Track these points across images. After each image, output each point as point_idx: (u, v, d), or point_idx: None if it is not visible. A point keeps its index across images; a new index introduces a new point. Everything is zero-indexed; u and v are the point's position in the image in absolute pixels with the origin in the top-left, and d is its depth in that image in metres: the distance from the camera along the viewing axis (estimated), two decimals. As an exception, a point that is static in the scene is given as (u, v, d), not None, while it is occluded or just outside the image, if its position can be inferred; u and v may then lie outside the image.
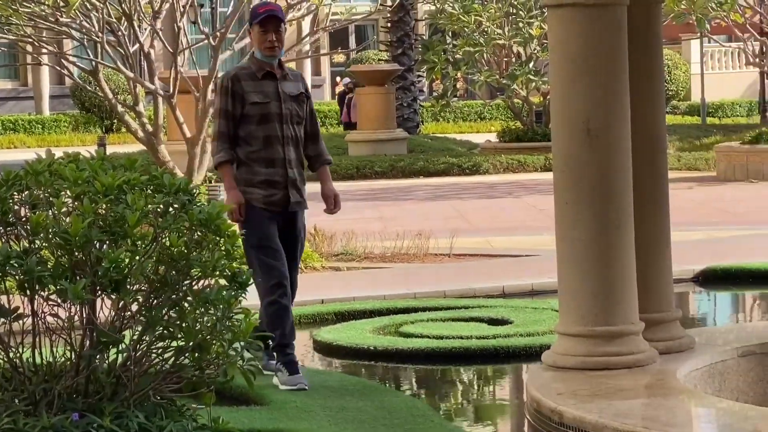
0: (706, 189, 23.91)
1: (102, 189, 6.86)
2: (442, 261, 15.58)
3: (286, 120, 8.51)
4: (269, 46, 8.38)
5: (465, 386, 10.13)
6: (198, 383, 7.12)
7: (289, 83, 8.55)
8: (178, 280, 7.03)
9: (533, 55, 34.67)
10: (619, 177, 8.73)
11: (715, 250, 15.01)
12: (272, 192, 8.52)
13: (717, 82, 47.66)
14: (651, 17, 9.31)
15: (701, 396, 8.19)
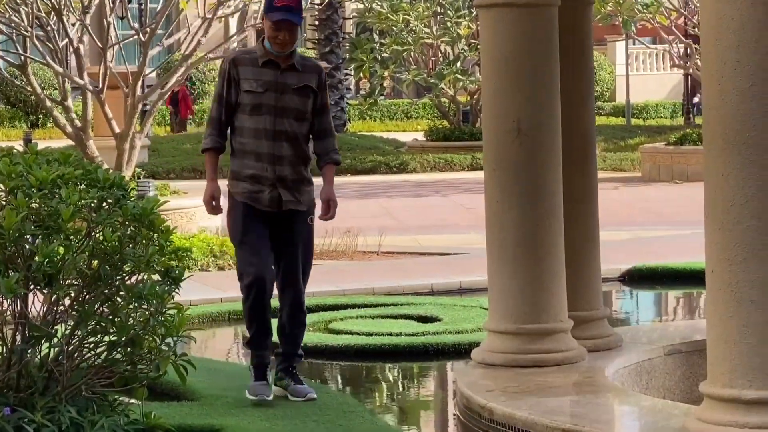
0: (631, 189, 24.10)
1: (36, 183, 6.86)
2: (371, 258, 15.62)
3: (281, 113, 7.90)
4: (280, 43, 7.85)
5: (394, 383, 10.16)
6: (130, 378, 7.12)
7: (294, 74, 7.90)
8: (111, 274, 7.03)
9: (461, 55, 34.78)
10: (549, 176, 8.78)
11: (641, 250, 15.15)
12: (258, 188, 7.98)
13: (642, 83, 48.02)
14: (582, 18, 9.37)
15: (629, 394, 8.25)
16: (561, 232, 8.83)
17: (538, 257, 8.70)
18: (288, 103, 7.87)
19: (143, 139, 18.35)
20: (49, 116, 17.68)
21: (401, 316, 11.42)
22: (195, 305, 10.89)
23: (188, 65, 18.31)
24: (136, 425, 7.15)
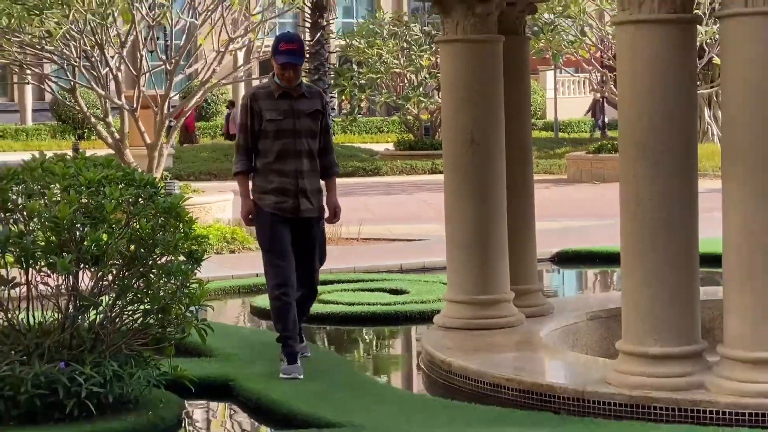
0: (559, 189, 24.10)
1: (85, 182, 6.88)
2: (352, 244, 15.57)
3: (300, 135, 7.66)
4: (286, 80, 7.66)
5: (371, 343, 10.16)
6: (161, 339, 7.15)
7: (305, 101, 7.72)
8: (145, 256, 7.05)
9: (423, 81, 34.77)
10: (496, 177, 8.78)
11: (568, 237, 15.15)
12: (283, 199, 7.64)
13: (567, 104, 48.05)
14: (521, 52, 9.38)
15: (559, 350, 8.26)
16: (504, 222, 8.83)
17: (487, 242, 8.70)
18: (303, 126, 7.68)
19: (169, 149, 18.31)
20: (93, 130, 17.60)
21: (377, 290, 11.40)
22: (212, 281, 10.86)
23: (205, 89, 18.25)
24: (166, 376, 7.17)
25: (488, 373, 7.50)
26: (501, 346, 8.20)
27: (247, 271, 12.84)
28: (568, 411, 6.92)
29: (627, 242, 7.09)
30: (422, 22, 37.13)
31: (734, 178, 6.76)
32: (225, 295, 11.97)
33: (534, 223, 9.48)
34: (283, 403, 7.15)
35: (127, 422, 6.73)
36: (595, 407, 6.89)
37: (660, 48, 6.90)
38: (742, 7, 6.62)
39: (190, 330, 7.14)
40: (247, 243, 15.16)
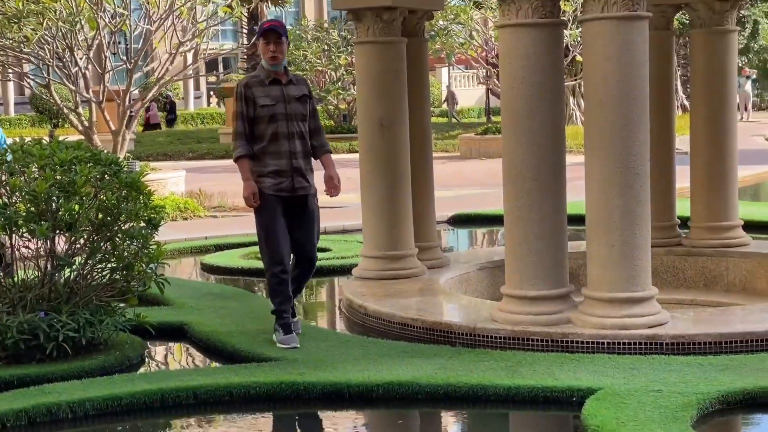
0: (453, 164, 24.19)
1: (59, 162, 6.84)
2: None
3: (291, 118, 7.01)
4: (271, 56, 7.00)
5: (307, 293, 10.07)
6: (126, 291, 7.12)
7: (293, 87, 7.10)
8: (111, 223, 7.02)
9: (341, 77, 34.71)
10: (401, 155, 8.78)
11: (461, 202, 15.25)
12: (280, 180, 6.96)
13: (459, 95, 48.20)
14: (421, 51, 9.38)
15: (455, 295, 8.31)
16: (409, 191, 8.86)
17: (394, 208, 8.72)
18: (294, 110, 7.04)
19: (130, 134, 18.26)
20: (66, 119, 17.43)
21: (305, 248, 11.39)
22: (168, 243, 10.75)
23: (160, 85, 18.26)
24: (130, 322, 7.15)
25: (397, 314, 7.54)
26: (407, 292, 8.23)
27: (198, 234, 12.81)
28: (463, 344, 6.98)
29: (509, 205, 7.15)
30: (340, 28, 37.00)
31: (594, 153, 6.85)
32: (179, 254, 11.89)
33: (433, 192, 9.51)
34: (228, 342, 7.13)
35: (98, 361, 6.72)
36: (484, 340, 6.96)
37: (533, 46, 6.95)
38: (599, 12, 6.72)
39: (150, 283, 7.12)
40: (196, 211, 15.11)
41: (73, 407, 5.78)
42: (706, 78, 9.43)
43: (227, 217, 15.07)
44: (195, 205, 15.31)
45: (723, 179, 9.47)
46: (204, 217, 15.04)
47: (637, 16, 6.69)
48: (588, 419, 5.22)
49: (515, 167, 7.06)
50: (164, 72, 17.88)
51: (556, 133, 7.06)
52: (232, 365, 6.63)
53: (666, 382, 5.74)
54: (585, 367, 6.14)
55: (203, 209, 15.39)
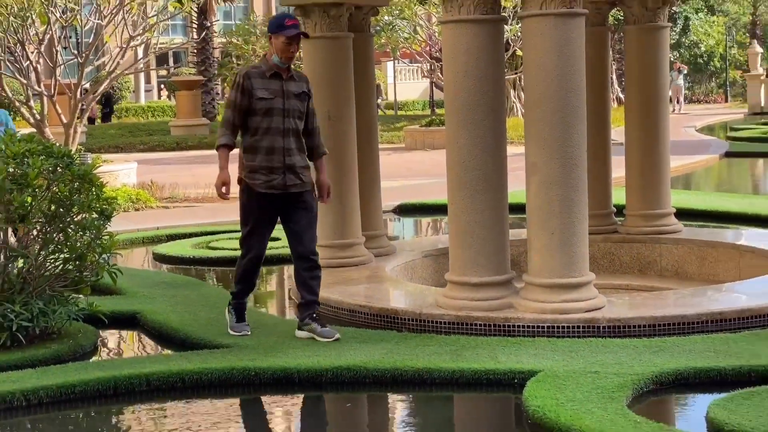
0: (399, 155, 24.21)
1: (11, 155, 6.76)
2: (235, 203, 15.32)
3: (288, 114, 6.61)
4: (290, 56, 6.61)
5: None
6: (79, 281, 7.05)
7: (293, 83, 6.68)
8: (64, 214, 6.95)
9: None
10: (349, 146, 8.79)
11: (406, 192, 15.28)
12: (272, 177, 6.58)
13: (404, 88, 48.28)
14: (367, 46, 9.37)
15: (401, 282, 8.33)
16: (356, 180, 8.86)
17: (342, 197, 8.71)
18: (292, 106, 6.64)
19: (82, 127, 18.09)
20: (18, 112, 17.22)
21: (255, 238, 11.34)
22: (120, 233, 10.65)
23: (111, 78, 18.15)
24: (83, 311, 7.08)
25: (345, 301, 7.55)
26: (355, 279, 8.24)
27: (150, 225, 12.73)
28: (409, 329, 7.01)
29: (452, 195, 7.19)
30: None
31: (534, 144, 6.91)
32: (131, 244, 11.80)
33: (379, 182, 9.53)
34: (180, 329, 7.09)
35: (52, 349, 6.65)
36: (429, 325, 7.00)
37: (475, 41, 6.98)
38: (538, 9, 6.77)
39: (102, 273, 7.04)
40: (148, 202, 15.01)
41: (27, 395, 5.73)
42: (639, 72, 9.54)
43: (178, 208, 14.98)
44: (147, 196, 15.20)
45: (656, 169, 9.59)
46: (156, 207, 14.94)
47: (574, 12, 6.76)
48: (529, 400, 5.27)
49: (459, 158, 7.09)
50: (115, 66, 17.85)
51: (497, 124, 7.09)
52: (185, 352, 6.60)
53: (603, 363, 5.81)
54: (526, 351, 6.20)
55: (155, 200, 15.29)
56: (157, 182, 16.61)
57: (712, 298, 7.26)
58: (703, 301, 7.13)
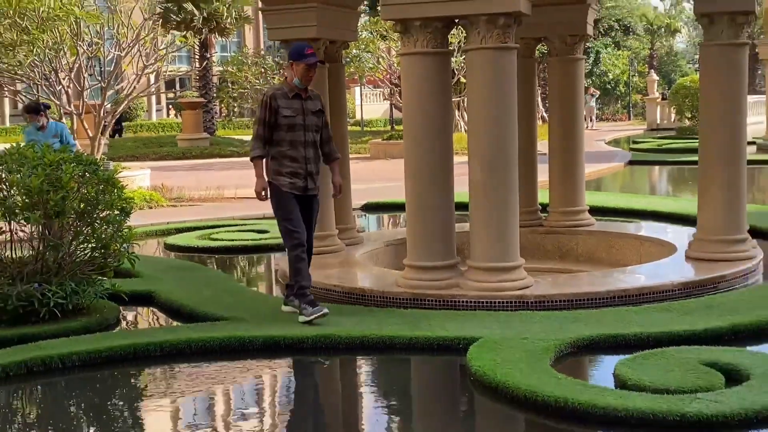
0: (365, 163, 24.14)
1: (48, 162, 6.68)
2: (231, 201, 15.36)
3: (308, 129, 6.52)
4: (309, 80, 6.51)
5: (245, 265, 10.07)
6: (104, 266, 7.00)
7: (311, 102, 6.57)
8: (91, 211, 6.88)
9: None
10: (324, 156, 8.78)
11: (372, 193, 15.25)
12: (295, 180, 6.47)
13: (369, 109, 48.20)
14: (339, 73, 9.35)
15: (367, 266, 8.32)
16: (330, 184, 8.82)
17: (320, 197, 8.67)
18: (311, 121, 6.54)
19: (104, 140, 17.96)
20: (53, 128, 17.12)
21: (248, 231, 11.31)
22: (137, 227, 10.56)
23: (128, 100, 18.01)
24: (108, 291, 7.05)
25: (321, 282, 7.53)
26: (330, 264, 8.23)
27: (161, 220, 12.61)
28: (374, 305, 7.02)
29: (409, 196, 7.20)
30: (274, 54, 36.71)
31: (475, 155, 6.94)
32: (147, 236, 11.70)
33: (350, 185, 9.50)
34: (187, 305, 7.06)
35: (82, 322, 6.61)
36: (390, 301, 7.01)
37: (427, 70, 7.00)
38: (479, 44, 6.79)
39: (123, 260, 7.01)
40: (160, 202, 14.88)
41: (62, 359, 5.70)
42: (560, 96, 9.61)
43: (185, 206, 14.86)
44: (158, 196, 15.08)
45: (573, 174, 9.67)
46: (166, 206, 14.81)
47: (508, 47, 6.79)
48: (471, 361, 5.30)
49: (414, 166, 7.11)
50: (132, 89, 17.75)
51: (445, 138, 7.11)
52: (191, 324, 6.57)
53: (531, 332, 5.85)
54: (469, 322, 6.23)
55: (165, 200, 15.16)
56: (167, 185, 16.47)
57: (618, 278, 7.32)
58: (611, 281, 7.20)
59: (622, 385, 4.84)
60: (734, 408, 4.39)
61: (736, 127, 7.75)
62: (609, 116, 49.37)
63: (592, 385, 4.89)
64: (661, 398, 4.53)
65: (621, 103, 50.71)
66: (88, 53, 17.02)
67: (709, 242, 7.83)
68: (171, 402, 5.22)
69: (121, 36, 17.30)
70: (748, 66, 7.95)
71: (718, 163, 7.78)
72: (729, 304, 6.44)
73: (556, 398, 4.59)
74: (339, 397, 5.56)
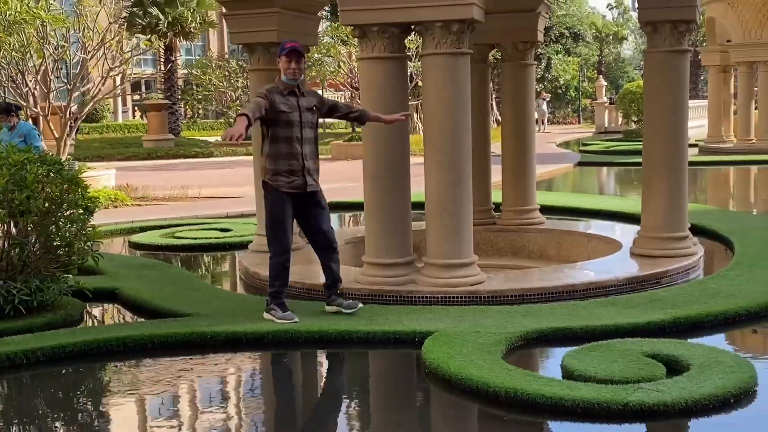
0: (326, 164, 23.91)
1: (13, 162, 6.57)
2: (195, 201, 15.26)
3: (304, 125, 6.23)
4: (292, 72, 6.22)
5: (209, 262, 9.99)
6: (68, 264, 6.91)
7: (305, 98, 6.30)
8: (56, 210, 6.79)
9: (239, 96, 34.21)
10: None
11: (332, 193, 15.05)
12: (293, 179, 6.18)
13: (331, 111, 48.12)
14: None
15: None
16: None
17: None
18: (306, 118, 6.26)
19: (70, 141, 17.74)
20: (19, 129, 16.87)
21: (211, 229, 11.22)
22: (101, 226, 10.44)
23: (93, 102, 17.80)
24: (72, 288, 6.96)
25: (283, 278, 7.50)
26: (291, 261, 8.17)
27: (126, 219, 12.48)
28: (333, 300, 6.99)
29: (368, 196, 7.20)
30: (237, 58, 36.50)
31: (431, 157, 6.96)
32: (111, 235, 11.57)
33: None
34: (151, 302, 7.00)
35: (47, 318, 6.53)
36: (349, 297, 6.91)
37: (385, 74, 7.01)
38: (434, 49, 6.82)
39: (87, 258, 6.92)
40: (125, 201, 14.73)
41: (27, 354, 5.63)
42: (512, 99, 9.67)
43: (150, 206, 14.71)
44: (123, 196, 14.92)
45: (525, 175, 9.74)
46: (130, 205, 14.66)
47: (462, 52, 6.82)
48: (426, 354, 5.32)
49: (372, 166, 7.11)
50: (97, 92, 17.55)
51: (403, 140, 7.13)
52: (154, 320, 6.51)
53: (483, 325, 5.88)
54: (424, 316, 6.25)
55: (130, 199, 15.01)
56: (132, 185, 16.32)
57: (566, 274, 7.38)
58: (560, 277, 7.25)
59: (569, 375, 4.89)
60: (675, 397, 4.46)
61: (677, 130, 7.87)
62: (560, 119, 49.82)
63: (541, 376, 4.93)
64: (605, 388, 4.59)
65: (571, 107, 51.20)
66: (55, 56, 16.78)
67: (652, 240, 7.93)
68: (134, 396, 5.16)
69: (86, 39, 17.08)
70: (689, 71, 8.07)
71: (661, 164, 7.89)
72: (671, 299, 6.53)
73: (507, 389, 4.63)
74: (298, 390, 5.54)
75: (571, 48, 46.35)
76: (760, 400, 4.63)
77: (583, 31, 46.94)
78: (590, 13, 57.98)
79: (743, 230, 9.47)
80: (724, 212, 11.68)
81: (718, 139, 23.74)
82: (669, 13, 7.68)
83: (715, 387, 4.58)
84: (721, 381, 4.66)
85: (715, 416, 4.43)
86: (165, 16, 33.41)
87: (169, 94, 36.61)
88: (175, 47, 36.37)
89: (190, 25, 33.86)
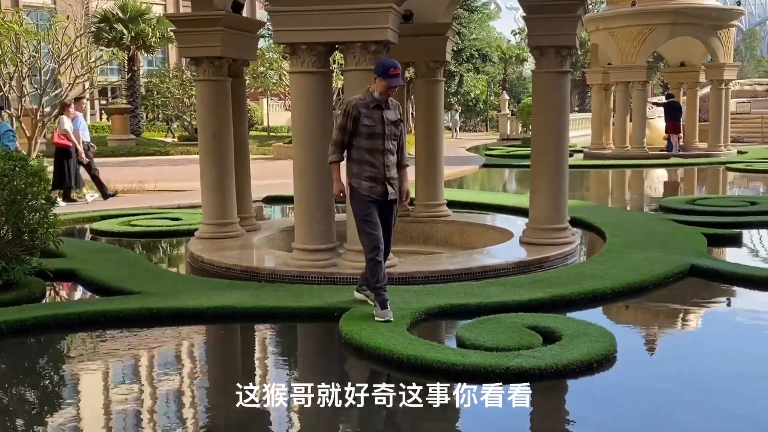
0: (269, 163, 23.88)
1: (-20, 158, 6.32)
2: (151, 193, 14.93)
3: (387, 137, 5.71)
4: (388, 95, 5.69)
5: (159, 248, 9.81)
6: (32, 247, 6.72)
7: (391, 111, 5.76)
8: (21, 200, 6.58)
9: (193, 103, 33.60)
10: (228, 154, 8.65)
11: (273, 188, 15.07)
12: (374, 185, 5.68)
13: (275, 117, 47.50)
14: (241, 87, 9.15)
15: (265, 249, 8.26)
16: (233, 179, 8.73)
17: (223, 190, 8.60)
18: (390, 130, 5.73)
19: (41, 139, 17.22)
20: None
21: (164, 218, 11.01)
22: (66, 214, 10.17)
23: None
24: (35, 269, 6.76)
25: (223, 262, 7.45)
26: (231, 247, 8.13)
27: (87, 209, 12.16)
28: (266, 281, 6.95)
29: (297, 191, 7.18)
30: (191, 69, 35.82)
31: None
32: (73, 222, 11.26)
33: (250, 180, 9.40)
34: (106, 281, 6.86)
35: (12, 295, 6.34)
36: (281, 278, 6.98)
37: (312, 87, 6.99)
38: (354, 66, 6.83)
39: (48, 242, 6.74)
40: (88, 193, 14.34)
41: (-10, 328, 5.45)
42: (424, 110, 9.73)
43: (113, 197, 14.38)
44: (88, 188, 14.52)
45: (434, 174, 9.82)
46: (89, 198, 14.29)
47: (378, 70, 6.81)
48: (342, 327, 5.34)
49: (301, 166, 7.09)
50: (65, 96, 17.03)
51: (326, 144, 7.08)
52: (108, 297, 6.39)
53: (392, 302, 5.85)
54: (344, 294, 6.25)
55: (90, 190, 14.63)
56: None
57: (466, 259, 7.47)
58: (460, 261, 7.33)
59: (462, 344, 4.96)
60: (548, 362, 4.57)
61: (559, 138, 8.04)
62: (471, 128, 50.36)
63: (438, 344, 4.98)
64: (491, 355, 4.67)
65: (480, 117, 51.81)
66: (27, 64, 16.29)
67: (537, 230, 8.10)
68: (90, 364, 5.06)
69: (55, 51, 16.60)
70: (571, 89, 8.24)
71: (545, 166, 8.05)
72: (551, 280, 6.67)
73: (409, 356, 4.68)
74: (235, 358, 5.51)
75: (480, 67, 46.79)
76: (619, 365, 4.78)
77: (491, 53, 47.42)
78: (497, 37, 58.64)
79: (615, 223, 9.72)
80: (600, 208, 11.96)
81: (600, 146, 24.29)
82: (553, 39, 7.84)
83: (582, 354, 4.70)
84: (586, 348, 4.79)
85: (582, 378, 4.56)
86: (128, 31, 32.65)
87: (132, 100, 35.85)
88: (137, 59, 35.63)
89: (150, 40, 33.13)
